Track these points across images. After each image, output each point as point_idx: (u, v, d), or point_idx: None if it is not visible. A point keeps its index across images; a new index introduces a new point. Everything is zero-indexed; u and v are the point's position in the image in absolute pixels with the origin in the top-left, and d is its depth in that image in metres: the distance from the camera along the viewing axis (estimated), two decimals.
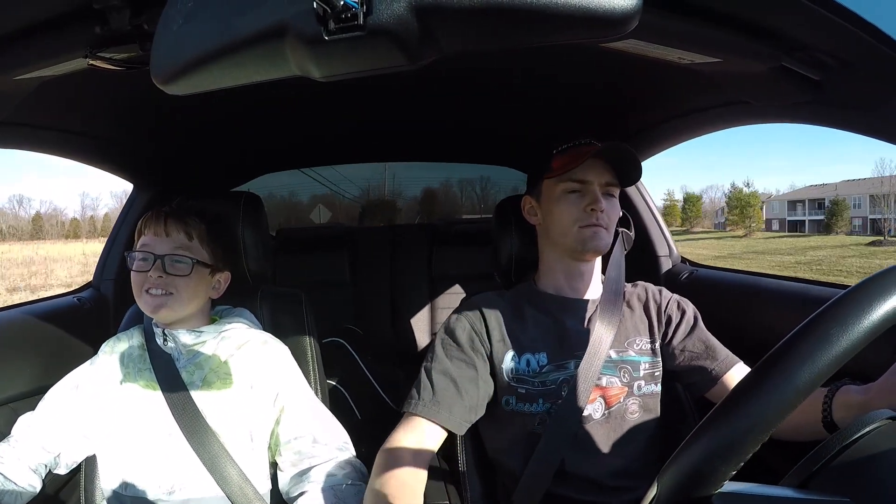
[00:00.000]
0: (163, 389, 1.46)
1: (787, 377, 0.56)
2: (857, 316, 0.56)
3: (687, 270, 2.31)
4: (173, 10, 0.70)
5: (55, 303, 2.23)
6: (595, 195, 1.44)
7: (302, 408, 1.51)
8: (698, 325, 1.52)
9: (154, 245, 1.47)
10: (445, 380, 1.41)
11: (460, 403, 1.39)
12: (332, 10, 0.62)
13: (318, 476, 1.41)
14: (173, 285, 1.46)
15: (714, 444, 0.58)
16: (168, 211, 1.52)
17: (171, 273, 1.45)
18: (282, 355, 1.57)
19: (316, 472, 1.42)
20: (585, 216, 1.44)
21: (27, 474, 1.42)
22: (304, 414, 1.51)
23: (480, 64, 1.71)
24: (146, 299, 1.46)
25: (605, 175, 1.46)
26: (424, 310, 3.23)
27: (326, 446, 1.47)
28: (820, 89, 1.09)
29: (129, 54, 1.05)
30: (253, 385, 1.48)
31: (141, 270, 1.46)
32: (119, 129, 2.00)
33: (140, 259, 1.46)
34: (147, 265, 1.45)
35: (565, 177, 1.46)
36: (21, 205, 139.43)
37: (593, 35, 0.65)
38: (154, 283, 1.45)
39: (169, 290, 1.45)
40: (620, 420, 1.45)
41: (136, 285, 1.47)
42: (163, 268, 1.45)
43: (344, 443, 1.51)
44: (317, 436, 1.48)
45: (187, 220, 1.52)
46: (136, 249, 1.49)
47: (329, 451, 1.47)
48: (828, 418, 1.18)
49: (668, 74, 1.47)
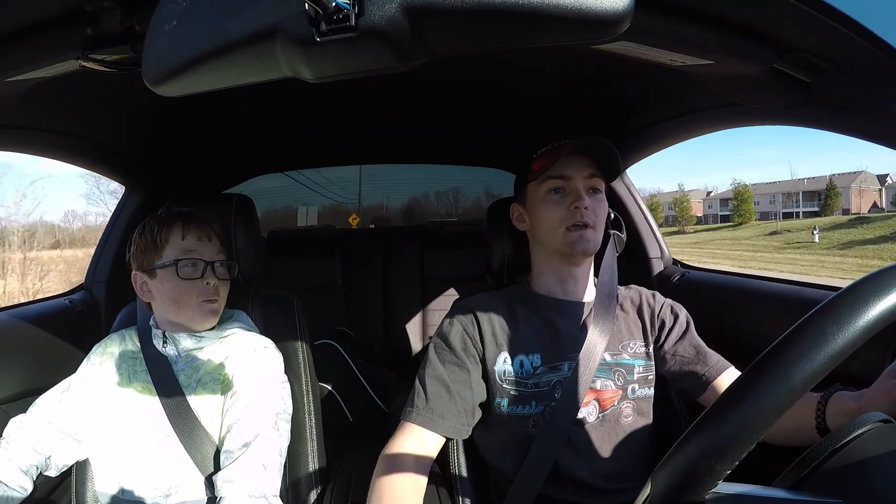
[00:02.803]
0: (159, 392, 1.44)
1: (782, 376, 0.56)
2: (850, 316, 0.56)
3: (679, 272, 2.31)
4: (165, 12, 0.69)
5: (47, 305, 2.22)
6: (578, 192, 1.44)
7: (246, 393, 1.44)
8: (690, 330, 1.52)
9: (202, 251, 1.45)
10: (438, 385, 1.41)
11: (454, 409, 1.39)
12: (324, 12, 0.62)
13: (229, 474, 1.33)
14: (219, 292, 1.45)
15: (708, 444, 0.58)
16: (199, 212, 1.49)
17: (221, 279, 1.44)
18: (267, 364, 1.52)
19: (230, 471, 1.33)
20: (570, 215, 1.43)
21: (18, 476, 1.40)
22: (247, 398, 1.43)
23: (472, 66, 1.71)
24: (203, 308, 1.43)
25: (585, 169, 1.46)
26: (416, 312, 3.23)
27: (236, 485, 1.33)
28: (811, 91, 1.10)
29: (121, 56, 1.05)
30: (237, 390, 1.46)
31: (192, 278, 1.42)
32: (111, 130, 2.00)
33: (190, 266, 1.43)
34: (198, 272, 1.42)
35: (545, 175, 1.46)
36: (75, 218, 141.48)
37: (585, 37, 0.65)
38: (211, 292, 1.43)
39: (217, 298, 1.44)
40: (614, 423, 1.45)
41: (186, 293, 1.43)
42: (213, 274, 1.43)
43: (276, 420, 1.44)
44: (239, 461, 1.35)
45: (216, 220, 1.51)
46: (184, 256, 1.44)
47: (239, 493, 1.32)
48: (822, 424, 1.19)
49: (661, 76, 1.48)
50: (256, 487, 1.33)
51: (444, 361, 1.44)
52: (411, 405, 1.40)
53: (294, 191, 3.91)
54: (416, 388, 1.42)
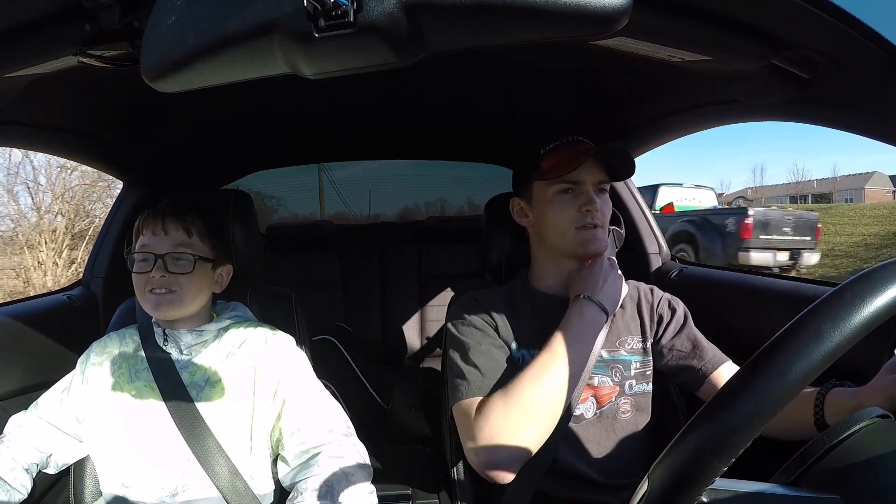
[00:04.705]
0: (161, 390, 1.44)
1: (778, 373, 0.56)
2: (847, 312, 0.56)
3: (677, 268, 2.31)
4: (164, 8, 0.69)
5: (45, 301, 2.23)
6: (589, 195, 1.43)
7: (303, 399, 1.49)
8: (688, 323, 1.52)
9: (154, 245, 1.44)
10: (486, 359, 1.40)
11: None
12: (323, 8, 0.61)
13: (325, 460, 1.38)
14: (176, 283, 1.44)
15: (704, 441, 0.58)
16: (164, 209, 1.50)
17: (173, 271, 1.43)
18: (283, 349, 1.54)
19: (323, 457, 1.39)
20: (581, 217, 1.43)
21: (21, 475, 1.41)
22: (306, 405, 1.48)
23: (470, 61, 1.71)
24: (149, 298, 1.43)
25: (597, 174, 1.46)
26: (414, 308, 3.23)
27: (331, 433, 1.44)
28: (810, 87, 1.10)
29: (120, 52, 1.04)
30: (255, 383, 1.46)
31: (142, 272, 1.43)
32: (109, 126, 1.99)
33: (140, 260, 1.44)
34: (148, 265, 1.42)
35: (558, 179, 1.45)
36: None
37: (583, 33, 0.65)
38: (157, 283, 1.42)
39: (172, 289, 1.43)
40: (612, 419, 1.45)
41: (139, 286, 1.45)
42: (164, 267, 1.42)
43: (347, 427, 1.49)
44: (321, 424, 1.45)
45: (185, 216, 1.50)
46: (136, 251, 1.46)
47: (334, 437, 1.44)
48: (820, 420, 1.19)
49: (660, 72, 1.48)
50: (340, 426, 1.47)
51: (480, 342, 1.43)
52: (466, 382, 1.38)
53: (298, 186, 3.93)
54: (462, 370, 1.40)
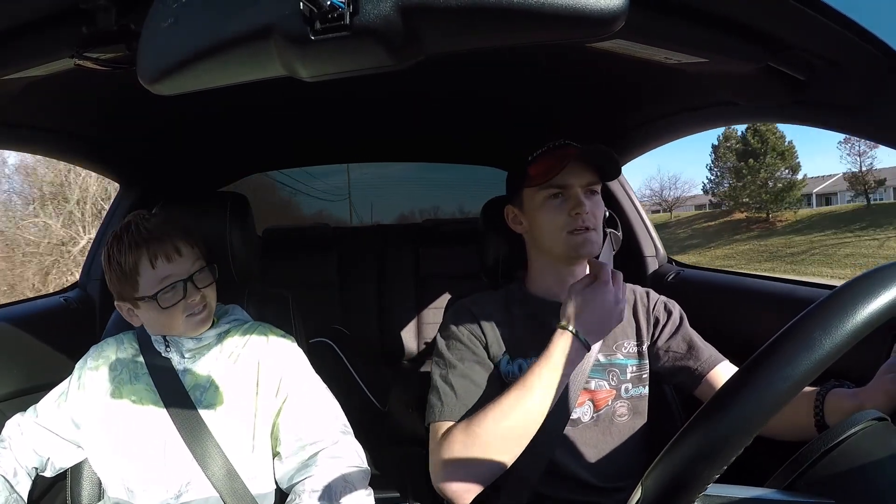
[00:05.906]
0: (162, 396, 1.43)
1: (772, 379, 0.56)
2: (842, 317, 0.56)
3: (673, 271, 2.31)
4: (160, 10, 0.69)
5: (42, 303, 2.22)
6: (578, 198, 1.42)
7: (304, 396, 1.48)
8: (683, 325, 1.52)
9: (176, 271, 1.39)
10: (464, 381, 1.39)
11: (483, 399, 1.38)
12: (319, 10, 0.61)
13: (323, 461, 1.37)
14: (206, 297, 1.43)
15: (698, 447, 0.58)
16: (159, 230, 1.41)
17: (201, 288, 1.41)
18: (284, 347, 1.54)
19: (321, 458, 1.38)
20: (571, 221, 1.42)
21: (23, 478, 1.41)
22: (306, 401, 1.47)
23: (466, 63, 1.71)
24: (189, 323, 1.41)
25: (586, 176, 1.45)
26: (411, 310, 3.23)
27: (329, 429, 1.44)
28: (806, 89, 1.10)
29: (116, 54, 1.04)
30: (258, 381, 1.46)
31: (178, 300, 1.38)
32: (105, 128, 1.99)
33: (170, 291, 1.37)
34: (180, 293, 1.38)
35: (545, 185, 1.44)
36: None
37: (580, 35, 0.65)
38: (196, 305, 1.41)
39: (205, 304, 1.42)
40: (609, 423, 1.45)
41: (174, 316, 1.39)
42: (196, 287, 1.40)
43: (344, 425, 1.49)
44: (319, 420, 1.45)
45: (186, 230, 1.46)
46: (161, 288, 1.37)
47: (331, 434, 1.43)
48: (820, 420, 1.19)
49: (656, 74, 1.48)
50: (338, 423, 1.49)
51: (462, 360, 1.43)
52: (440, 405, 1.37)
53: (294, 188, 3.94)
54: (439, 389, 1.40)
